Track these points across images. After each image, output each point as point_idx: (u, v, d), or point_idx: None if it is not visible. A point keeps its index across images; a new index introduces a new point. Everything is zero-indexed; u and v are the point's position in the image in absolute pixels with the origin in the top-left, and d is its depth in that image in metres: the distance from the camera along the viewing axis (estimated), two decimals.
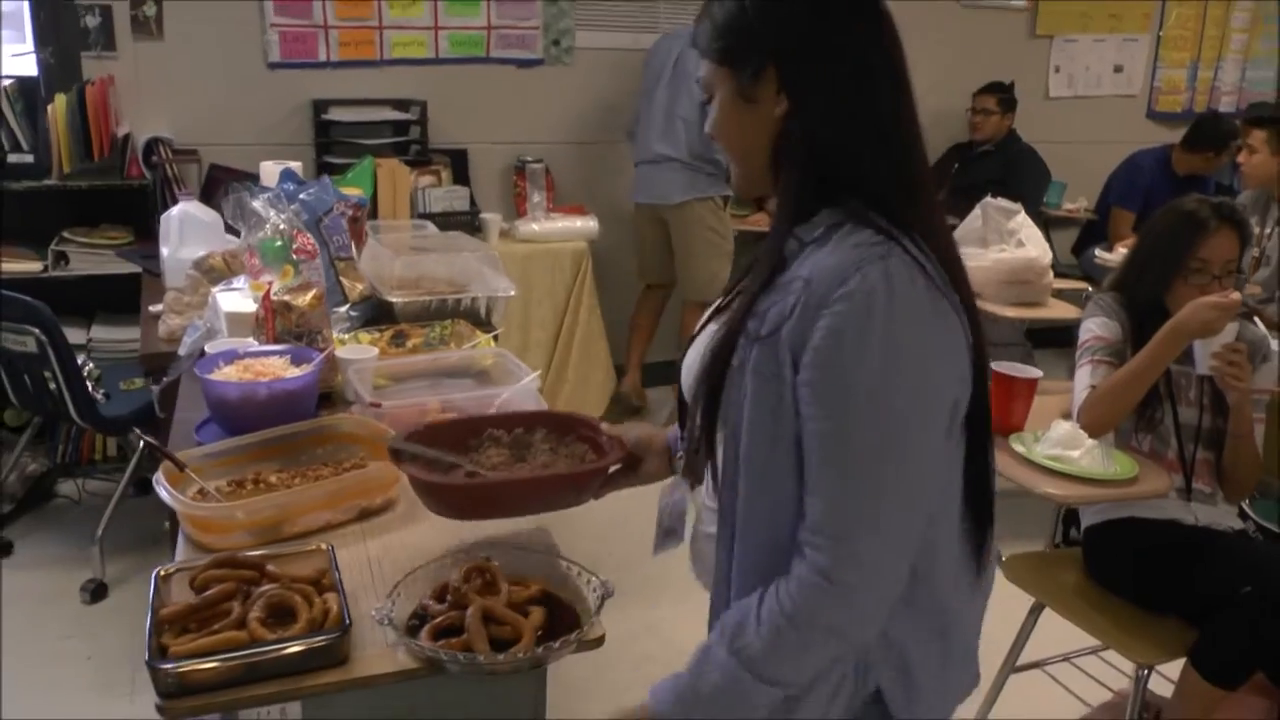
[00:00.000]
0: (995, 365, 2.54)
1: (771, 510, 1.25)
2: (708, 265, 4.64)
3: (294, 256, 2.35)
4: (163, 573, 1.61)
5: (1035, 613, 2.56)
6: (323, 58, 4.46)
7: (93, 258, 3.89)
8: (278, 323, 2.32)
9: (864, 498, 1.19)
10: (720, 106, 1.30)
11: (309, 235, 2.44)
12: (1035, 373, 2.55)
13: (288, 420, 2.09)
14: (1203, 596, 2.20)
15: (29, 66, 4.04)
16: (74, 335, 3.82)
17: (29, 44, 4.07)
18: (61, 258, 3.87)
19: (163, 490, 1.79)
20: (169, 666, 1.37)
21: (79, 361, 3.40)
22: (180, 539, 1.80)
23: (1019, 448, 2.39)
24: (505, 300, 2.91)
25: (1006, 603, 2.72)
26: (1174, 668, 2.31)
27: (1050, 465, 2.31)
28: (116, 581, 3.44)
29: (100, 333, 3.99)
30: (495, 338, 2.67)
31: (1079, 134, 6.10)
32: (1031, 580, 2.57)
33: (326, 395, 2.33)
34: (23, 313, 3.18)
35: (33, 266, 3.83)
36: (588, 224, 4.61)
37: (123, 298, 3.70)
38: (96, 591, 3.38)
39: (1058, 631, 2.59)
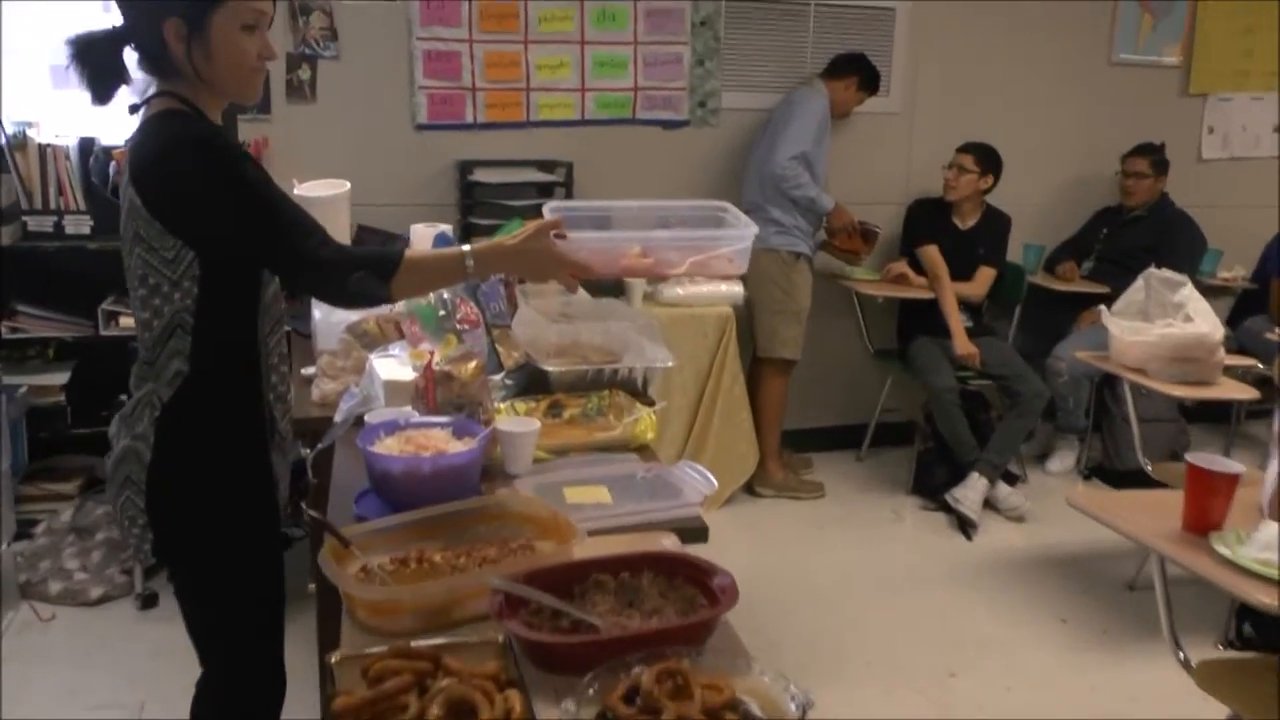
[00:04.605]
0: (1191, 457, 2.34)
1: None
2: (769, 320, 4.66)
3: (457, 326, 2.28)
4: (335, 659, 1.53)
5: None
6: (470, 119, 4.46)
7: None
8: (439, 393, 2.25)
9: None
10: None
11: (471, 304, 2.37)
12: (1236, 467, 2.32)
13: (451, 494, 2.01)
14: None
15: None
16: None
17: None
18: None
19: (327, 569, 1.72)
20: None
21: None
22: (344, 620, 1.72)
23: (1222, 550, 2.17)
24: (663, 371, 2.81)
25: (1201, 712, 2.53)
26: None
27: (1259, 570, 2.09)
28: None
29: None
30: (656, 410, 2.55)
31: (1235, 198, 5.80)
32: (1228, 690, 2.34)
33: (485, 468, 2.25)
34: None
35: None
36: (733, 289, 4.49)
37: None
38: (148, 599, 3.37)
39: None
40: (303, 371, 2.89)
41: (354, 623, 1.70)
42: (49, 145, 3.77)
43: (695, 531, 2.07)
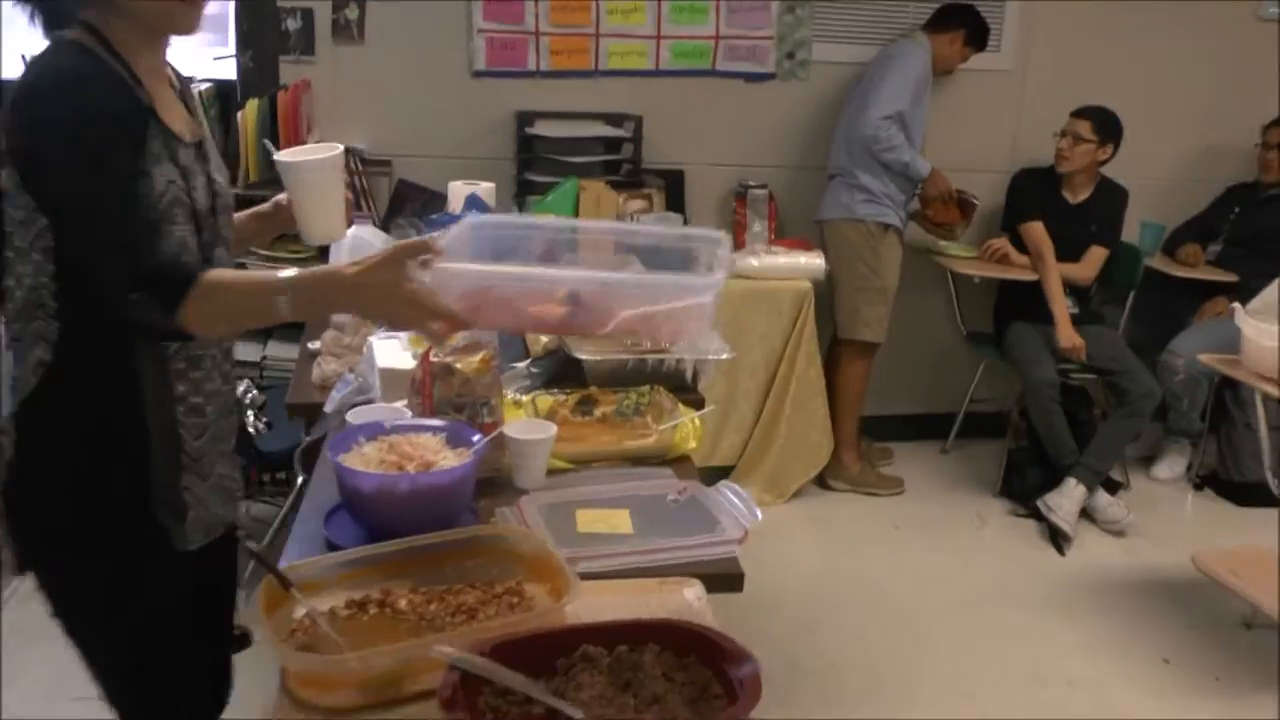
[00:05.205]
0: None
1: None
2: (851, 298, 4.23)
3: None
4: None
5: None
6: (531, 67, 4.11)
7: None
8: (437, 389, 1.90)
9: None
10: None
11: None
12: None
13: (433, 519, 1.68)
14: None
15: (230, 70, 3.84)
16: (248, 352, 3.69)
17: (231, 47, 3.87)
18: (240, 269, 3.64)
19: (257, 622, 1.39)
20: None
21: (240, 389, 3.13)
22: (278, 690, 1.39)
23: None
24: (716, 364, 2.44)
25: None
26: None
27: None
28: None
29: (277, 350, 3.74)
30: (700, 415, 2.18)
31: None
32: None
33: (489, 480, 1.91)
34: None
35: None
36: (813, 261, 4.08)
37: None
38: (240, 640, 3.06)
39: None
40: (309, 345, 2.57)
41: (287, 697, 1.37)
42: None
43: (728, 579, 1.72)
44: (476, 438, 1.77)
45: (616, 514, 1.85)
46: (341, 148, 1.83)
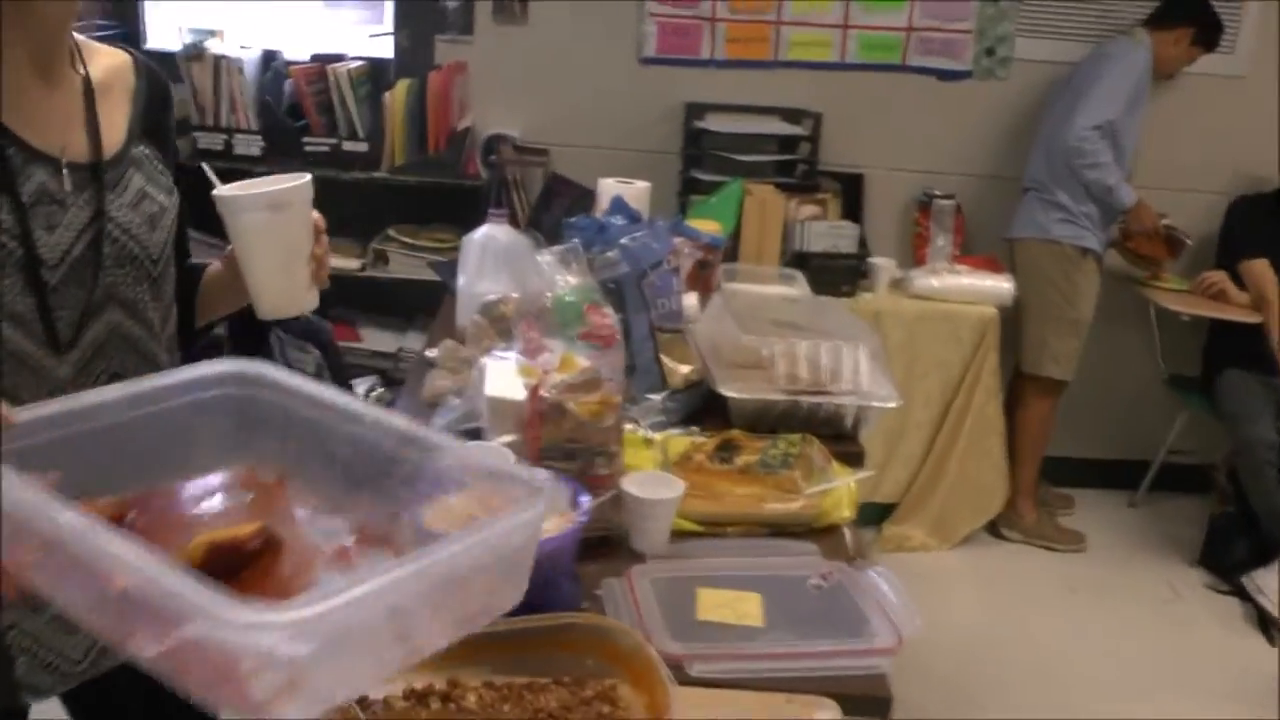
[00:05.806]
0: None
1: None
2: (1039, 329, 3.82)
3: (578, 340, 1.65)
4: None
5: None
6: (705, 55, 3.84)
7: (412, 261, 3.51)
8: (546, 431, 1.62)
9: None
10: None
11: (605, 310, 1.72)
12: None
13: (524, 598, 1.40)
14: None
15: (386, 48, 3.68)
16: (384, 342, 3.67)
17: (388, 25, 3.72)
18: (381, 258, 3.50)
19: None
20: None
21: (369, 385, 2.98)
22: None
23: None
24: (880, 412, 2.10)
25: None
26: None
27: None
28: None
29: (415, 342, 3.57)
30: (858, 479, 1.84)
31: None
32: None
33: (602, 539, 1.62)
34: (304, 330, 2.78)
35: (350, 263, 3.48)
36: (1000, 285, 3.69)
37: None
38: None
39: None
40: (428, 353, 2.33)
41: None
42: (223, 58, 3.40)
43: (872, 703, 1.38)
44: (584, 500, 1.49)
45: (746, 599, 1.54)
46: (308, 177, 1.32)
